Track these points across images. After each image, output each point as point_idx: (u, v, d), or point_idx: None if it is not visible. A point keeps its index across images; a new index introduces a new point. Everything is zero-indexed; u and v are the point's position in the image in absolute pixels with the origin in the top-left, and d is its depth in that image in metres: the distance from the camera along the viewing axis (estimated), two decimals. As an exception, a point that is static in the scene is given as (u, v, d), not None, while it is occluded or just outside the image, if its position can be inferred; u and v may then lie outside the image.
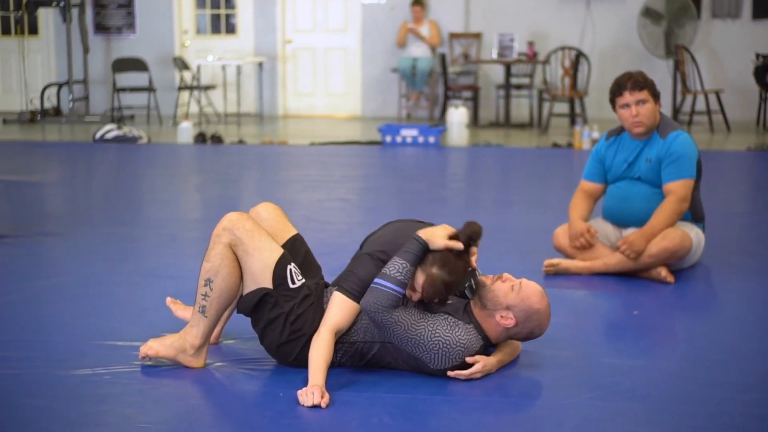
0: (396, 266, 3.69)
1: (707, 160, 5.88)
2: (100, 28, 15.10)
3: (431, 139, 11.16)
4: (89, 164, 10.52)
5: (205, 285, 3.86)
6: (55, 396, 3.58)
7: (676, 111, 13.11)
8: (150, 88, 14.15)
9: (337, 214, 7.19)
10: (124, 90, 14.16)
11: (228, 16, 15.18)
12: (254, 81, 14.95)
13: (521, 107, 14.25)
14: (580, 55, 12.99)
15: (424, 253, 3.72)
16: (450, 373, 3.74)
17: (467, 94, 14.10)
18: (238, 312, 3.91)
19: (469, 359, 3.74)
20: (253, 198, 8.29)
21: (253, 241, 3.84)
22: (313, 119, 14.76)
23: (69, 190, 8.72)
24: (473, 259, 3.84)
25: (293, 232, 4.12)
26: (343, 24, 14.88)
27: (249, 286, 3.86)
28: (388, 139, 11.25)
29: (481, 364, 3.77)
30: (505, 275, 3.84)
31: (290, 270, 3.85)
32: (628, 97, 5.29)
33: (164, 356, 3.92)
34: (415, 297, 3.75)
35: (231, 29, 15.21)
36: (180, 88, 14.17)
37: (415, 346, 3.70)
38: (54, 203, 8.03)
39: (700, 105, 13.48)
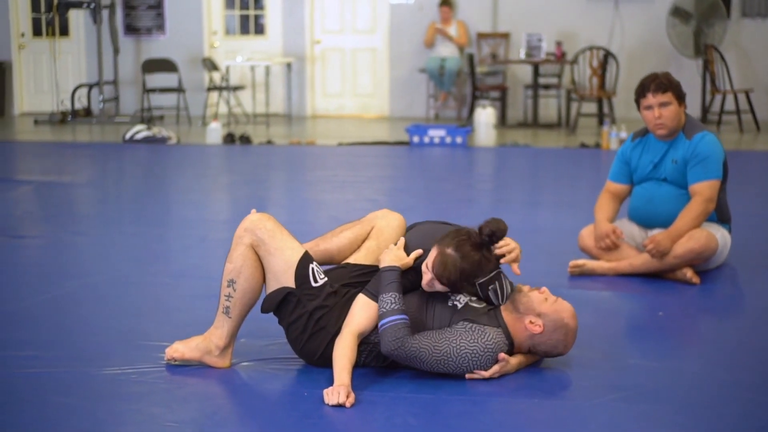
0: (387, 301, 3.74)
1: (735, 161, 5.88)
2: (131, 29, 15.20)
3: (458, 140, 11.17)
4: (119, 165, 10.60)
5: (228, 286, 3.91)
6: (84, 394, 3.63)
7: (705, 111, 13.06)
8: (179, 89, 14.24)
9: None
10: (153, 91, 14.26)
11: (257, 17, 15.25)
12: (283, 81, 15.00)
13: (549, 107, 14.24)
14: (608, 54, 12.96)
15: (401, 272, 3.82)
16: (468, 375, 3.76)
17: (495, 94, 14.10)
18: (262, 312, 3.94)
19: (502, 356, 3.78)
20: (282, 198, 8.34)
21: (274, 240, 3.88)
22: (342, 119, 14.80)
23: (98, 191, 8.79)
24: (514, 266, 3.91)
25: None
26: (371, 25, 14.92)
27: (272, 286, 3.90)
28: (416, 139, 11.27)
29: (500, 364, 3.79)
30: (544, 288, 3.90)
31: (312, 269, 3.88)
32: (651, 98, 5.29)
33: (190, 358, 3.96)
34: (427, 277, 3.80)
35: (260, 30, 15.28)
36: (209, 89, 14.25)
37: (444, 365, 3.73)
38: (83, 204, 8.10)
39: (730, 105, 13.41)
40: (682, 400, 3.55)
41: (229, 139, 11.78)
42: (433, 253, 3.79)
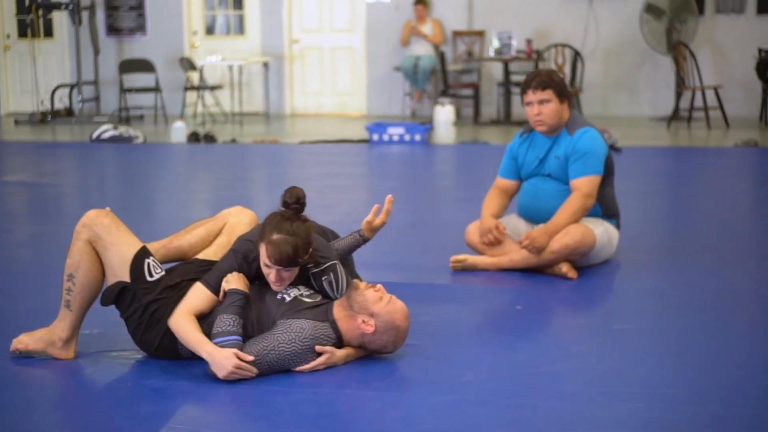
0: (225, 322, 3.81)
1: (694, 157, 5.90)
2: (113, 30, 15.36)
3: (417, 137, 11.23)
4: (82, 163, 10.72)
5: (68, 280, 4.01)
6: None
7: (676, 107, 13.06)
8: (156, 89, 14.38)
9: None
10: (130, 90, 14.40)
11: (237, 17, 15.36)
12: (262, 80, 15.10)
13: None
14: (573, 51, 12.97)
15: (246, 298, 3.89)
16: (295, 369, 3.84)
17: (468, 92, 14.15)
18: (102, 305, 4.04)
19: (318, 348, 3.85)
20: (201, 195, 8.45)
21: (110, 236, 3.98)
22: (321, 118, 14.89)
23: (57, 189, 8.91)
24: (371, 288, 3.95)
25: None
26: (348, 23, 15.00)
27: (110, 280, 4.00)
28: (375, 137, 11.35)
29: (326, 356, 3.87)
30: (379, 286, 3.97)
31: (148, 263, 3.97)
32: (531, 95, 5.36)
33: (33, 349, 4.07)
34: (272, 275, 3.88)
35: (240, 30, 15.39)
36: (186, 88, 14.39)
37: (276, 369, 3.80)
38: (42, 202, 8.20)
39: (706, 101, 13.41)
40: (482, 394, 3.62)
41: (194, 138, 11.90)
42: (262, 250, 3.87)
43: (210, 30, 15.53)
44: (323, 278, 4.01)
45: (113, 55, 15.24)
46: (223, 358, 3.74)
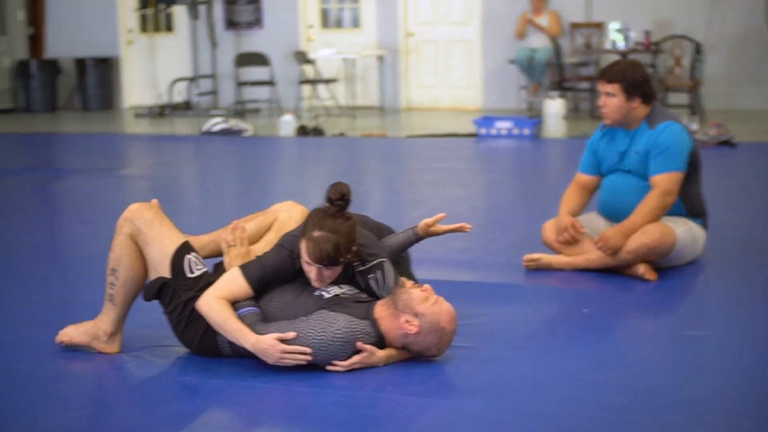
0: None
1: None
2: (231, 23, 15.48)
3: (526, 131, 10.98)
4: (187, 156, 10.82)
5: (111, 274, 3.96)
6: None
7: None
8: (271, 82, 14.43)
9: (378, 206, 7.19)
10: (245, 84, 14.50)
11: (353, 10, 15.32)
12: (377, 74, 15.01)
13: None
14: (693, 43, 12.51)
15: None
16: (328, 367, 3.71)
17: (586, 85, 13.79)
18: (144, 300, 3.97)
19: (358, 344, 3.70)
20: (310, 187, 8.38)
21: (151, 231, 3.91)
22: (436, 112, 14.71)
23: (156, 181, 9.01)
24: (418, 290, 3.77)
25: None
26: (464, 16, 14.79)
27: (151, 275, 3.94)
28: (483, 131, 11.14)
29: (363, 354, 3.72)
30: (426, 286, 3.79)
31: (188, 260, 3.89)
32: (600, 86, 5.16)
33: (78, 342, 4.04)
34: (313, 272, 3.75)
35: (356, 23, 15.35)
36: (301, 82, 14.40)
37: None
38: (133, 193, 8.28)
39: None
40: (523, 402, 3.43)
41: (302, 131, 11.89)
42: (303, 246, 3.73)
43: (326, 23, 15.51)
44: (369, 276, 3.86)
45: (231, 49, 15.35)
46: (268, 346, 3.64)
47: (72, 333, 4.06)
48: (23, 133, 13.11)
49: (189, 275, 3.87)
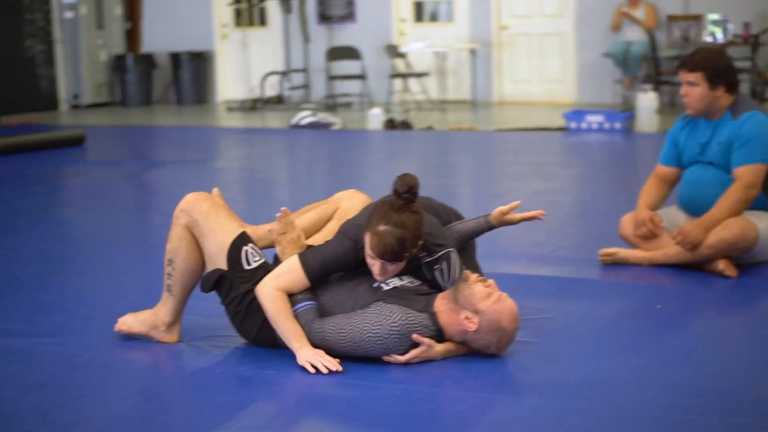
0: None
1: None
2: (323, 18, 15.48)
3: (617, 125, 10.73)
4: (273, 149, 10.82)
5: (168, 265, 3.92)
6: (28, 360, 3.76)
7: None
8: (362, 76, 14.39)
9: (458, 198, 7.07)
10: (336, 78, 14.48)
11: (447, 4, 15.19)
12: (469, 68, 14.85)
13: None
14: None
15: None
16: (385, 358, 3.61)
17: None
18: (201, 291, 3.92)
19: (415, 337, 3.60)
20: (372, 181, 8.28)
21: (208, 222, 3.85)
22: (529, 106, 14.50)
23: (243, 173, 9.05)
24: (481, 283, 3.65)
25: None
26: (558, 9, 14.55)
27: (208, 267, 3.89)
28: (573, 125, 10.92)
29: (421, 348, 3.62)
30: (490, 281, 3.66)
31: (246, 251, 3.82)
32: (681, 75, 4.96)
33: (137, 332, 4.01)
34: (376, 266, 3.63)
35: (448, 17, 15.22)
36: (392, 76, 14.33)
37: (353, 349, 3.60)
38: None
39: None
40: (583, 401, 3.29)
41: (390, 124, 11.81)
42: (367, 239, 3.61)
43: (419, 17, 15.41)
44: (435, 267, 3.73)
45: (323, 43, 15.34)
46: (310, 356, 3.58)
47: (130, 322, 4.03)
48: (119, 125, 13.29)
49: (246, 267, 3.80)
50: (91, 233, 6.33)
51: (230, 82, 16.31)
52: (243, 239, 3.84)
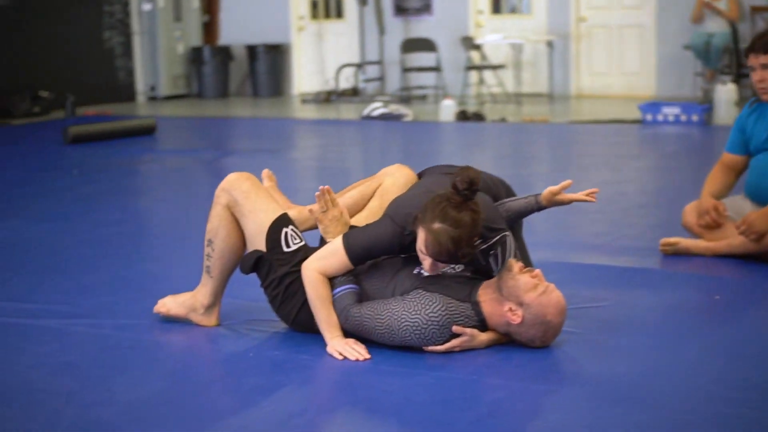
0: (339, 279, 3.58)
1: None
2: (399, 10, 15.37)
3: (694, 118, 10.44)
4: (340, 140, 10.75)
5: (208, 245, 3.85)
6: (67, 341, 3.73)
7: None
8: (436, 68, 14.25)
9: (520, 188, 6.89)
10: (410, 70, 14.36)
11: (523, -5, 14.99)
12: (547, 60, 14.61)
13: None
14: None
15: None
16: (426, 348, 3.48)
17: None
18: (241, 272, 3.83)
19: (455, 328, 3.46)
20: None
21: (248, 202, 3.76)
22: (608, 99, 14.21)
23: (314, 162, 8.99)
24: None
25: None
26: (638, 0, 14.24)
27: (248, 248, 3.80)
28: (649, 117, 10.66)
29: (463, 339, 3.48)
30: (537, 272, 3.48)
31: (286, 233, 3.72)
32: (752, 59, 4.74)
33: (176, 314, 3.95)
34: (427, 262, 3.45)
35: (527, 8, 14.99)
36: (468, 68, 14.16)
37: (389, 337, 3.48)
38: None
39: None
40: (624, 393, 3.13)
41: (462, 116, 11.66)
42: (421, 235, 3.41)
43: (497, 9, 15.21)
44: (490, 253, 3.56)
45: (399, 35, 15.22)
46: (340, 348, 3.49)
47: (169, 304, 3.97)
48: (195, 116, 13.34)
49: (285, 249, 3.70)
50: (154, 218, 6.32)
51: (306, 75, 16.29)
52: (283, 220, 3.74)
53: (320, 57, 16.09)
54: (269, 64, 15.80)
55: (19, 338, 3.77)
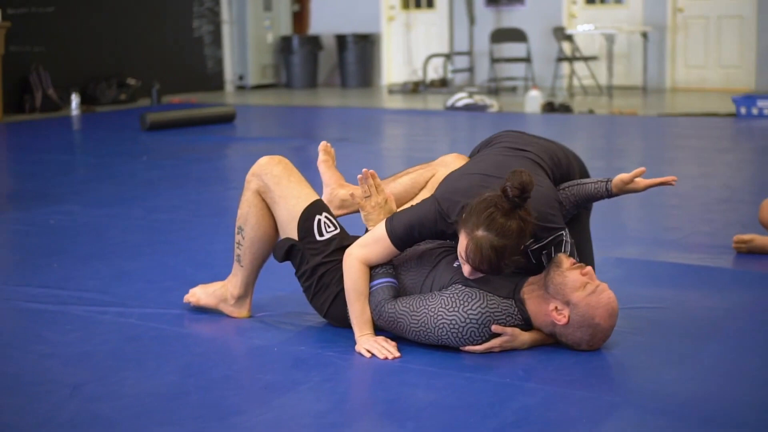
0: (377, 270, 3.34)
1: None
2: (491, 0, 15.05)
3: (791, 111, 9.96)
4: (432, 128, 10.53)
5: (238, 233, 3.66)
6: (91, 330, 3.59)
7: None
8: (526, 59, 13.91)
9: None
10: (499, 61, 14.04)
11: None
12: (641, 52, 14.15)
13: None
14: None
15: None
16: (463, 348, 3.23)
17: None
18: (276, 260, 3.62)
19: (495, 328, 3.20)
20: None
21: (279, 188, 3.55)
22: (704, 93, 13.70)
23: (389, 151, 8.84)
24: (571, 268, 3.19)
25: None
26: (738, -10, 13.73)
27: (281, 236, 3.60)
28: (743, 110, 10.19)
29: (503, 338, 3.21)
30: (588, 269, 3.20)
31: (319, 220, 3.50)
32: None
33: (205, 304, 3.78)
34: (467, 269, 3.17)
35: (622, -1, 14.56)
36: (559, 59, 13.79)
37: (425, 335, 3.24)
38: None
39: None
40: (669, 402, 2.84)
41: (548, 107, 11.33)
42: (462, 239, 3.11)
43: (591, -1, 14.81)
44: (543, 252, 3.26)
45: (490, 26, 14.91)
46: (368, 345, 3.27)
47: (200, 294, 3.79)
48: (284, 105, 13.22)
49: (318, 238, 3.48)
50: (212, 206, 6.14)
51: (395, 65, 16.08)
52: (316, 207, 3.52)
53: (408, 47, 15.86)
54: (358, 54, 15.62)
55: (43, 326, 3.63)
